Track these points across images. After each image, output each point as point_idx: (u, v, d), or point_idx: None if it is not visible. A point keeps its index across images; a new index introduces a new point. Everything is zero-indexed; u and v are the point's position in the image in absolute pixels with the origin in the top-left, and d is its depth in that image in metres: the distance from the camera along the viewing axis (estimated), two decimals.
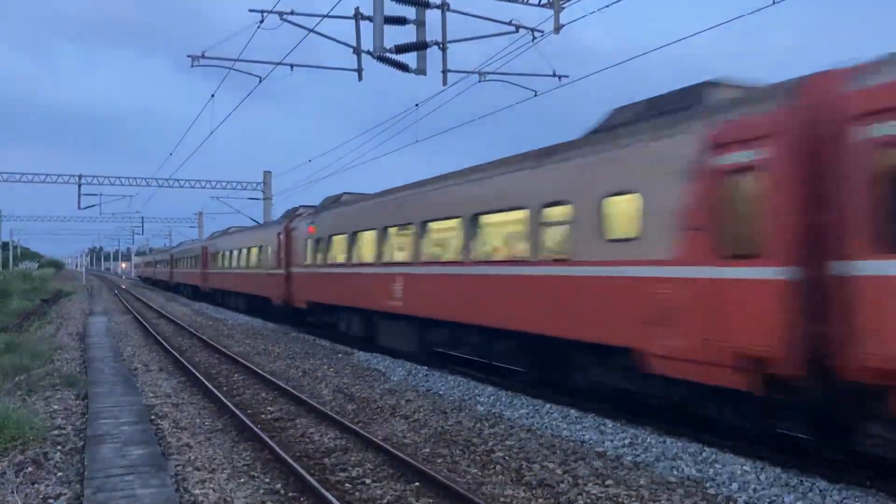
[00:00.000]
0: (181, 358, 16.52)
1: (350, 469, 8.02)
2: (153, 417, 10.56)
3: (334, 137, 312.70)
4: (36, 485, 7.31)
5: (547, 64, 16.51)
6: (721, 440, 8.75)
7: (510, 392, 12.10)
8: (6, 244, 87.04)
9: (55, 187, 48.63)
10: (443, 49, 14.39)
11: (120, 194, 49.08)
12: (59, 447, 8.76)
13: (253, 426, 9.59)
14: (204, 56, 16.74)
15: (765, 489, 7.11)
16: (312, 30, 14.28)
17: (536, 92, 17.24)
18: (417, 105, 20.48)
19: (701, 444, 8.64)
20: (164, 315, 31.09)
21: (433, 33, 14.11)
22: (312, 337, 21.77)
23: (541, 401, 11.29)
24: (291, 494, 7.20)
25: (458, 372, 14.27)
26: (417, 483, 7.44)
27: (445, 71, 14.75)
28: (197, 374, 13.93)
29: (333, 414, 10.46)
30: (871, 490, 7.05)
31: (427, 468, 7.65)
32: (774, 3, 11.11)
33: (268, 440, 8.83)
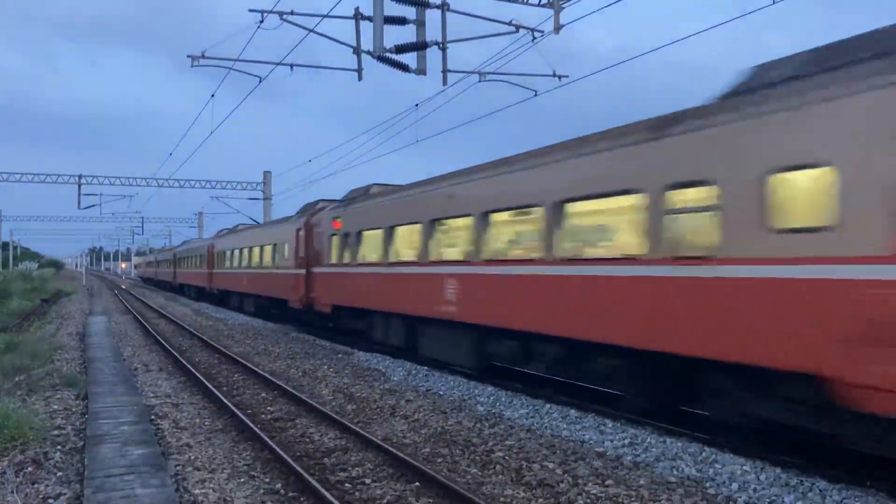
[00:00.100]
0: (181, 358, 16.51)
1: (350, 469, 8.02)
2: (153, 417, 10.56)
3: (334, 137, 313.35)
4: (36, 485, 7.31)
5: (547, 64, 16.63)
6: (721, 440, 8.74)
7: (510, 392, 12.10)
8: (6, 244, 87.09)
9: (55, 187, 48.68)
10: (443, 49, 14.42)
11: (120, 194, 49.23)
12: (59, 447, 8.76)
13: (253, 426, 9.59)
14: (204, 56, 16.79)
15: (765, 489, 7.11)
16: (312, 30, 14.31)
17: (536, 92, 17.31)
18: (417, 105, 20.52)
19: (701, 444, 8.64)
20: (165, 315, 31.09)
21: (433, 33, 14.16)
22: (312, 337, 21.77)
23: (541, 401, 11.30)
24: (291, 494, 7.20)
25: (458, 372, 14.26)
26: (417, 483, 7.45)
27: (445, 71, 14.78)
28: (197, 374, 13.94)
29: (333, 414, 10.46)
30: (871, 490, 7.05)
31: (427, 468, 7.65)
32: (774, 3, 11.13)
33: (268, 440, 8.84)
